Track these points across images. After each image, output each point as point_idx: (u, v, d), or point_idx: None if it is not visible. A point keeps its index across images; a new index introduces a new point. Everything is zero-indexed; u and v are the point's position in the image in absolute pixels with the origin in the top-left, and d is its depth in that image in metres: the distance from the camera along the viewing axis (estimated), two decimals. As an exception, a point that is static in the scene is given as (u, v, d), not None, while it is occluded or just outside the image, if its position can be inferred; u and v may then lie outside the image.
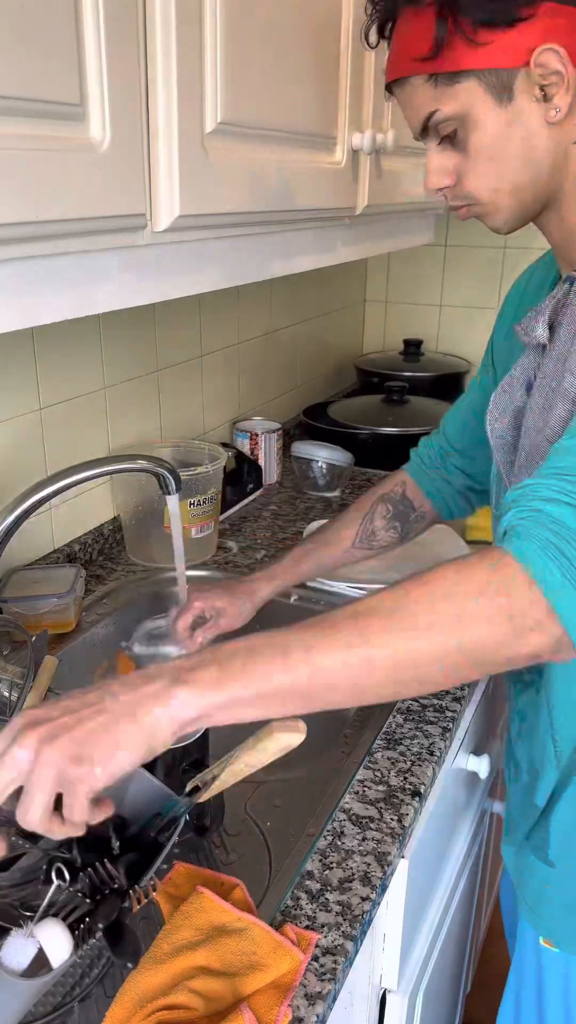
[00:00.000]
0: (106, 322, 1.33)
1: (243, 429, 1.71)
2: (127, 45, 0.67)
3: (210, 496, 1.34)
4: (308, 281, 2.06)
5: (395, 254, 2.39)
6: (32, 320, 0.67)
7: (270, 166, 0.92)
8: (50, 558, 1.28)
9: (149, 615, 1.30)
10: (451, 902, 1.19)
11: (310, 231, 1.10)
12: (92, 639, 1.19)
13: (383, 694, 0.61)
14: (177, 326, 1.52)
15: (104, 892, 0.66)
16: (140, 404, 1.45)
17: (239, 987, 0.67)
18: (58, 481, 0.99)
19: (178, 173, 0.75)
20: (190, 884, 0.77)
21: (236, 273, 0.95)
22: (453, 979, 1.37)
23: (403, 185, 1.31)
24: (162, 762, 0.85)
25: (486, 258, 2.31)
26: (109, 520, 1.41)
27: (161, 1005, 0.65)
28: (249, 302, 1.77)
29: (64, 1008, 0.65)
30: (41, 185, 0.61)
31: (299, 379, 2.10)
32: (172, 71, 0.72)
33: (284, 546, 1.45)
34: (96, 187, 0.66)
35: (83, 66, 0.64)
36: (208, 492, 1.34)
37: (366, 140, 1.10)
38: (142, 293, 0.80)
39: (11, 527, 0.98)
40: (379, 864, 0.81)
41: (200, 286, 0.89)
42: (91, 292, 0.73)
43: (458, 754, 1.13)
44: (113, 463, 1.06)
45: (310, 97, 0.98)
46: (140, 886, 0.67)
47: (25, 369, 1.19)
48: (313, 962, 0.71)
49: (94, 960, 0.68)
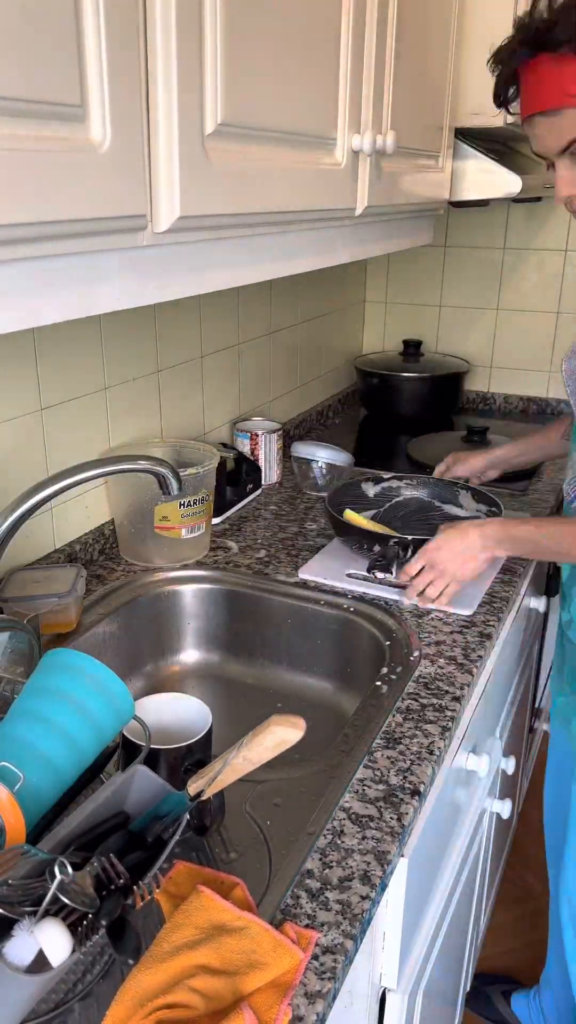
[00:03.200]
0: (107, 322, 1.33)
1: (243, 429, 1.71)
2: (128, 46, 0.68)
3: (201, 497, 1.35)
4: (308, 281, 2.06)
5: (395, 254, 2.40)
6: (33, 321, 0.68)
7: (270, 167, 0.92)
8: (50, 558, 1.28)
9: (149, 615, 1.31)
10: (451, 901, 1.19)
11: (310, 232, 1.10)
12: (92, 639, 1.19)
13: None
14: (177, 326, 1.53)
15: (109, 888, 0.67)
16: (140, 404, 1.46)
17: (239, 986, 0.67)
18: (58, 481, 1.00)
19: (178, 174, 0.76)
20: (190, 883, 0.77)
21: (236, 274, 0.95)
22: (453, 978, 1.37)
23: (403, 186, 1.32)
24: (165, 761, 0.86)
25: (486, 259, 2.31)
26: (109, 520, 1.41)
27: (161, 1004, 0.65)
28: (249, 302, 1.78)
29: (65, 1006, 0.66)
30: (42, 186, 0.61)
31: (299, 379, 2.11)
32: (172, 72, 0.73)
33: (284, 546, 1.45)
34: (97, 188, 0.67)
35: (84, 67, 0.64)
36: (199, 493, 1.34)
37: (366, 141, 1.10)
38: (143, 294, 0.80)
39: (12, 527, 0.98)
40: (379, 863, 0.81)
41: (200, 287, 0.89)
42: (92, 293, 0.73)
43: (458, 753, 1.13)
44: (113, 463, 1.06)
45: (310, 98, 0.99)
46: (143, 883, 0.67)
47: (26, 369, 1.19)
48: (313, 961, 0.71)
49: (96, 957, 0.68)
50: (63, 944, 0.62)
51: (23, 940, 0.62)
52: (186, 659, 1.36)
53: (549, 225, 2.22)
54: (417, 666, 1.13)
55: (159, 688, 1.29)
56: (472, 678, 1.11)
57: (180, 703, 0.94)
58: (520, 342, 2.34)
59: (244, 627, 1.34)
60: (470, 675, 1.12)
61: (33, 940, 0.62)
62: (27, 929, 0.62)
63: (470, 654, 1.16)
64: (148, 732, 0.85)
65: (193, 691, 1.32)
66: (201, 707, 0.92)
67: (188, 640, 1.36)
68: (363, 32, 1.08)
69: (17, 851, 0.66)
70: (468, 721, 1.17)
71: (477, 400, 2.42)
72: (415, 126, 1.32)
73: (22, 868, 0.65)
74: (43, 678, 0.81)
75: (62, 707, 0.78)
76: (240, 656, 1.35)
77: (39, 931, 0.62)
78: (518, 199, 1.64)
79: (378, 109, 1.17)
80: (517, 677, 1.65)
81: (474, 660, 1.14)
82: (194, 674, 1.35)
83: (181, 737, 0.89)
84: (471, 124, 1.54)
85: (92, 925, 0.64)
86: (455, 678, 1.11)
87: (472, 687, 1.12)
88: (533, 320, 2.31)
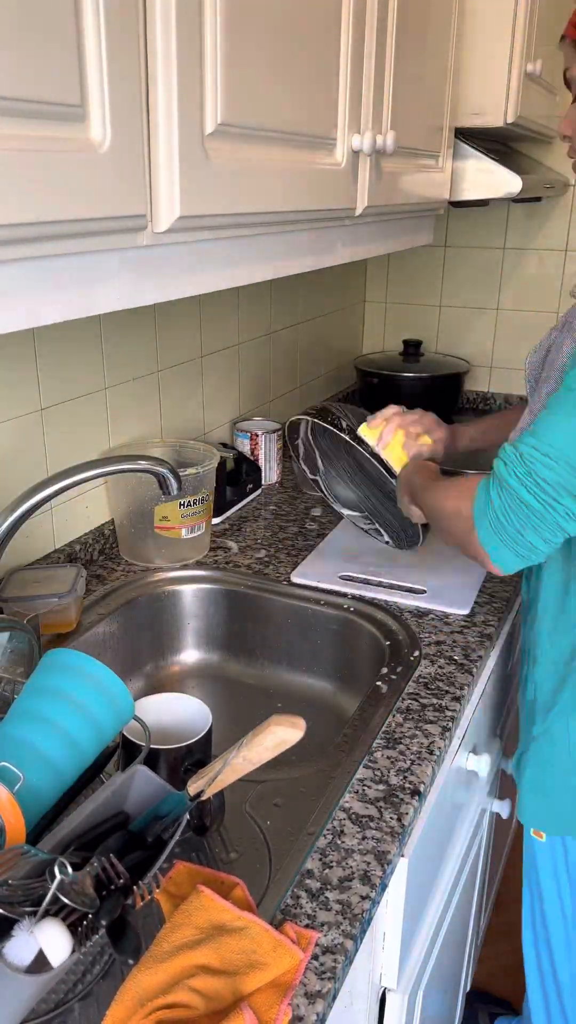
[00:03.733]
0: (107, 322, 1.33)
1: (243, 429, 1.71)
2: (127, 46, 0.67)
3: (200, 497, 1.35)
4: (308, 281, 2.06)
5: (395, 254, 2.40)
6: (33, 321, 0.67)
7: (270, 167, 0.92)
8: (50, 558, 1.28)
9: (149, 615, 1.31)
10: (451, 901, 1.19)
11: (310, 232, 1.10)
12: (92, 639, 1.19)
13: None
14: (177, 326, 1.53)
15: (109, 888, 0.67)
16: (140, 404, 1.46)
17: (239, 986, 0.67)
18: (58, 481, 1.00)
19: (178, 174, 0.75)
20: (190, 883, 0.77)
21: (236, 274, 0.95)
22: (453, 978, 1.37)
23: (403, 186, 1.32)
24: (165, 761, 0.86)
25: (486, 258, 2.31)
26: (109, 520, 1.41)
27: (161, 1004, 0.65)
28: (249, 302, 1.78)
29: (65, 1006, 0.66)
30: (41, 186, 0.61)
31: (299, 379, 2.11)
32: (172, 72, 0.73)
33: (284, 546, 1.45)
34: (96, 188, 0.67)
35: (83, 67, 0.64)
36: (199, 493, 1.34)
37: (366, 141, 1.10)
38: (143, 294, 0.80)
39: (12, 527, 0.98)
40: (379, 863, 0.81)
41: (200, 287, 0.89)
42: (92, 293, 0.73)
43: (458, 753, 1.13)
44: (113, 463, 1.06)
45: (310, 98, 0.99)
46: (143, 883, 0.67)
47: (26, 369, 1.19)
48: (313, 961, 0.71)
49: (96, 957, 0.68)
50: (63, 944, 0.62)
51: (23, 940, 0.62)
52: (186, 659, 1.36)
53: (549, 225, 2.22)
54: (417, 666, 1.13)
55: (159, 688, 1.29)
56: (472, 678, 1.11)
57: (180, 703, 0.94)
58: (520, 342, 2.34)
59: (244, 627, 1.34)
60: (470, 675, 1.12)
61: (33, 940, 0.62)
62: (27, 929, 0.62)
63: (470, 654, 1.16)
64: (148, 732, 0.85)
65: (193, 691, 1.32)
66: (201, 707, 0.92)
67: (188, 640, 1.36)
68: (363, 32, 1.08)
69: (17, 851, 0.66)
70: (468, 721, 1.17)
71: (477, 400, 2.42)
72: (415, 126, 1.32)
73: (22, 868, 0.65)
74: (43, 678, 0.81)
75: (62, 707, 0.78)
76: (240, 656, 1.35)
77: (39, 931, 0.62)
78: (518, 199, 1.64)
79: (378, 109, 1.17)
80: (517, 677, 1.65)
81: (474, 660, 1.14)
82: (194, 674, 1.35)
83: (181, 737, 0.89)
84: (471, 124, 1.54)
85: (92, 925, 0.64)
86: (455, 678, 1.11)
87: (472, 687, 1.12)
88: (533, 320, 2.31)
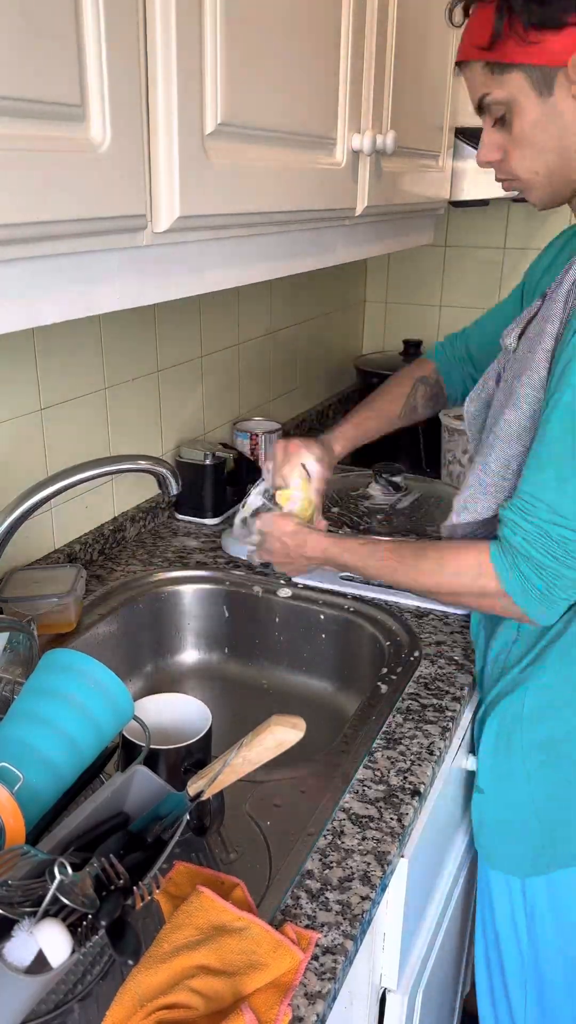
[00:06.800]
0: (106, 322, 1.33)
1: (243, 429, 1.71)
2: (127, 46, 0.67)
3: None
4: (308, 281, 2.06)
5: (395, 254, 2.40)
6: (33, 320, 0.67)
7: (270, 167, 0.92)
8: (50, 558, 1.28)
9: (149, 615, 1.31)
10: (450, 901, 1.19)
11: (310, 232, 1.10)
12: (92, 639, 1.19)
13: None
14: (177, 326, 1.53)
15: (109, 889, 0.67)
16: (140, 404, 1.45)
17: (239, 986, 0.67)
18: (58, 481, 1.00)
19: (178, 174, 0.75)
20: (190, 883, 0.77)
21: (236, 274, 0.95)
22: (453, 978, 1.37)
23: (403, 186, 1.32)
24: (165, 762, 0.86)
25: (486, 258, 2.31)
26: (109, 520, 1.41)
27: (161, 1004, 0.65)
28: (249, 302, 1.78)
29: (65, 1007, 0.65)
30: (41, 186, 0.61)
31: (299, 379, 2.10)
32: (172, 72, 0.73)
33: (284, 546, 1.45)
34: (96, 188, 0.67)
35: (83, 67, 0.64)
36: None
37: (366, 141, 1.10)
38: (143, 294, 0.80)
39: (11, 527, 0.98)
40: (379, 863, 0.81)
41: (200, 287, 0.89)
42: (92, 293, 0.73)
43: (458, 753, 1.13)
44: (113, 463, 1.06)
45: (310, 98, 0.99)
46: (143, 883, 0.67)
47: (26, 369, 1.19)
48: (313, 961, 0.71)
49: (96, 957, 0.68)
50: (63, 945, 0.62)
51: (23, 941, 0.62)
52: (186, 659, 1.36)
53: (549, 225, 2.22)
54: (417, 666, 1.13)
55: (159, 688, 1.29)
56: (472, 678, 1.11)
57: (180, 703, 0.94)
58: (520, 342, 2.34)
59: (244, 627, 1.34)
60: (470, 675, 1.12)
61: (33, 941, 0.62)
62: (27, 930, 0.62)
63: (470, 654, 1.16)
64: (148, 732, 0.85)
65: (193, 691, 1.32)
66: (201, 707, 0.92)
67: (188, 640, 1.36)
68: (363, 32, 1.08)
69: (17, 852, 0.66)
70: (468, 721, 1.17)
71: (477, 400, 2.42)
72: (415, 126, 1.32)
73: (22, 869, 0.65)
74: (43, 679, 0.81)
75: (62, 708, 0.78)
76: (240, 656, 1.35)
77: (39, 932, 0.62)
78: (518, 199, 1.64)
79: (378, 109, 1.17)
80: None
81: (474, 660, 1.14)
82: (194, 674, 1.35)
83: (181, 737, 0.89)
84: (471, 124, 1.54)
85: (92, 925, 0.64)
86: (455, 678, 1.11)
87: (472, 687, 1.12)
88: (533, 320, 2.30)
